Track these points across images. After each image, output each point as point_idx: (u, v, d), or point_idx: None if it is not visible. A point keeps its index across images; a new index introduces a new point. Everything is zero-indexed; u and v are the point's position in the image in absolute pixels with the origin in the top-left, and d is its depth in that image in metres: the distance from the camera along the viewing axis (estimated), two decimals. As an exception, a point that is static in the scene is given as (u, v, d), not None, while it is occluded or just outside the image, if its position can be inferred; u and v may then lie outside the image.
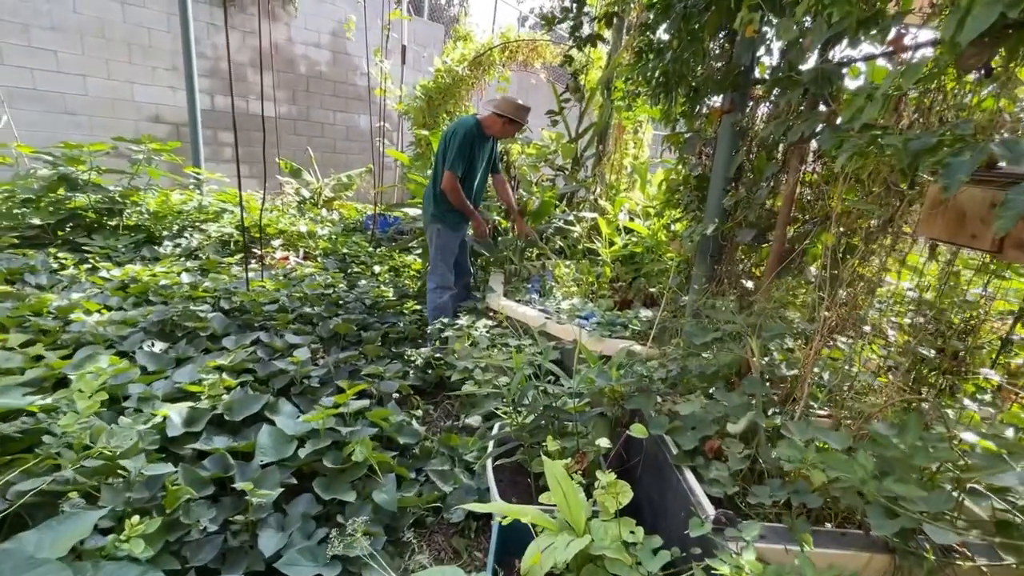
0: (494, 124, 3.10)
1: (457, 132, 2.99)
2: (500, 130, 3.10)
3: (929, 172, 1.05)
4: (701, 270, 2.39)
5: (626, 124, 4.03)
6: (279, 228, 4.14)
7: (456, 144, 2.94)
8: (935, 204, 1.04)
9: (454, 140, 2.97)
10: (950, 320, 1.70)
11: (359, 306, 3.25)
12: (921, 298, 1.71)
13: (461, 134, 2.98)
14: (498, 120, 3.07)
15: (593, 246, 4.37)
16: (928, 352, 1.64)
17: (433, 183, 3.16)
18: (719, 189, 2.28)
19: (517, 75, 8.24)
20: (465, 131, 2.99)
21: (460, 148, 2.95)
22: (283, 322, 2.61)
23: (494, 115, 3.09)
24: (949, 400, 1.71)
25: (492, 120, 3.10)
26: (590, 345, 2.70)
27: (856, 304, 1.66)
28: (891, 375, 1.71)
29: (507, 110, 3.06)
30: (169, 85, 6.33)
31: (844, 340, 1.72)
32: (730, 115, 2.19)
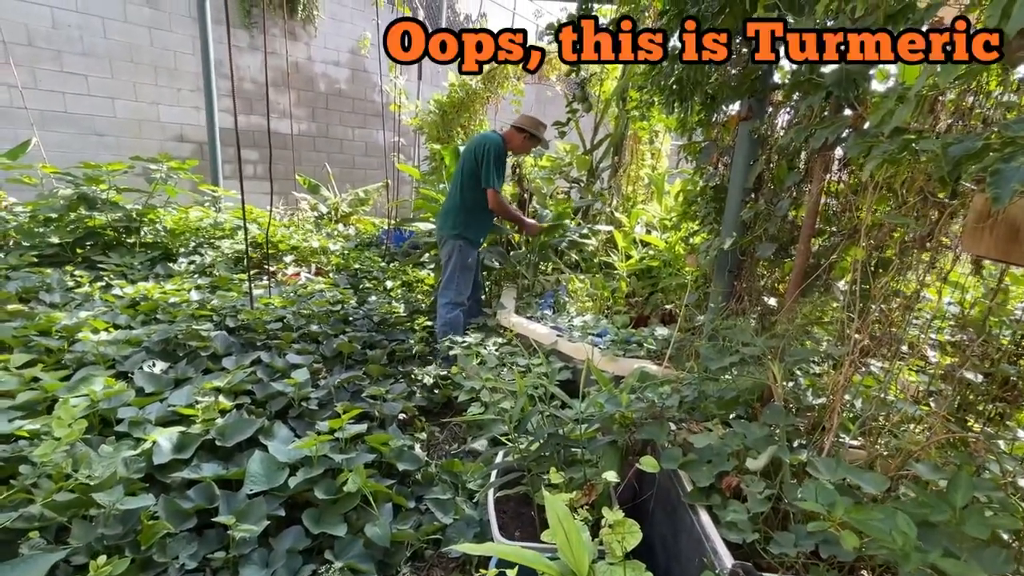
0: (514, 139, 3.15)
1: (489, 149, 3.00)
2: (519, 145, 3.16)
3: (973, 181, 0.92)
4: (719, 286, 2.25)
5: (642, 134, 3.93)
6: (291, 244, 4.14)
7: (492, 161, 2.98)
8: (982, 217, 0.90)
9: (487, 157, 2.99)
10: (999, 341, 1.53)
11: (367, 323, 3.20)
12: (965, 317, 1.55)
13: (494, 152, 3.00)
14: (518, 135, 3.13)
15: (609, 260, 4.25)
16: (975, 377, 1.48)
17: (457, 200, 3.13)
18: (737, 200, 2.15)
19: (533, 88, 8.22)
20: (497, 148, 3.02)
21: (498, 165, 3.01)
22: (287, 340, 2.56)
23: (514, 130, 3.14)
24: (1000, 430, 1.54)
25: (512, 135, 3.15)
26: (604, 364, 2.57)
27: (891, 323, 1.51)
28: (933, 403, 1.54)
29: (528, 125, 3.12)
30: (193, 105, 6.50)
31: (878, 364, 1.57)
32: (748, 122, 2.07)
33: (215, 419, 1.78)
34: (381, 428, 2.19)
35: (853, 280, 1.62)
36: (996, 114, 1.09)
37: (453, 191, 3.18)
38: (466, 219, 3.12)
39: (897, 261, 1.39)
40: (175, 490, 1.51)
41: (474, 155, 3.05)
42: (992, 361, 1.53)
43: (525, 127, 3.10)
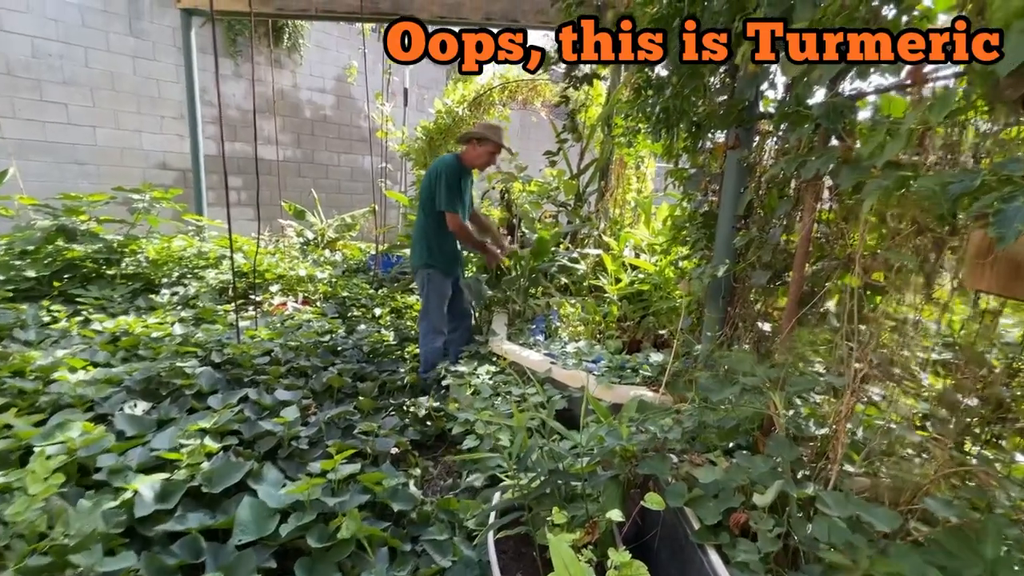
0: (469, 153, 3.04)
1: (441, 172, 2.92)
2: (477, 156, 3.03)
3: (971, 217, 0.93)
4: (713, 312, 2.26)
5: (628, 160, 3.98)
6: (277, 273, 4.08)
7: (444, 184, 2.88)
8: (981, 252, 0.91)
9: (440, 181, 2.90)
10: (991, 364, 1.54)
11: (356, 354, 3.13)
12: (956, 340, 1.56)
13: (445, 172, 2.91)
14: (473, 148, 3.02)
15: (598, 283, 4.25)
16: (970, 400, 1.48)
17: (419, 228, 3.08)
18: (728, 227, 2.17)
19: (518, 114, 8.35)
20: (448, 169, 2.93)
21: (450, 187, 2.89)
22: (275, 376, 2.49)
23: (465, 144, 3.05)
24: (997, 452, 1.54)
25: (467, 150, 3.05)
26: (599, 392, 2.54)
27: (885, 349, 1.52)
28: (930, 426, 1.54)
29: (478, 131, 3.01)
30: (177, 133, 6.46)
31: (876, 391, 1.57)
32: (736, 151, 2.11)
33: (201, 463, 1.70)
34: (374, 465, 2.12)
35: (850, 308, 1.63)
36: (985, 148, 1.11)
37: (417, 220, 3.10)
38: (430, 247, 3.03)
39: (892, 290, 1.40)
40: (158, 544, 1.42)
41: (428, 180, 2.97)
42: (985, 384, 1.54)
43: (470, 134, 3.00)
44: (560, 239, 4.04)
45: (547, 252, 3.69)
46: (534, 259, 3.70)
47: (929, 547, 1.08)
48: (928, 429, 1.52)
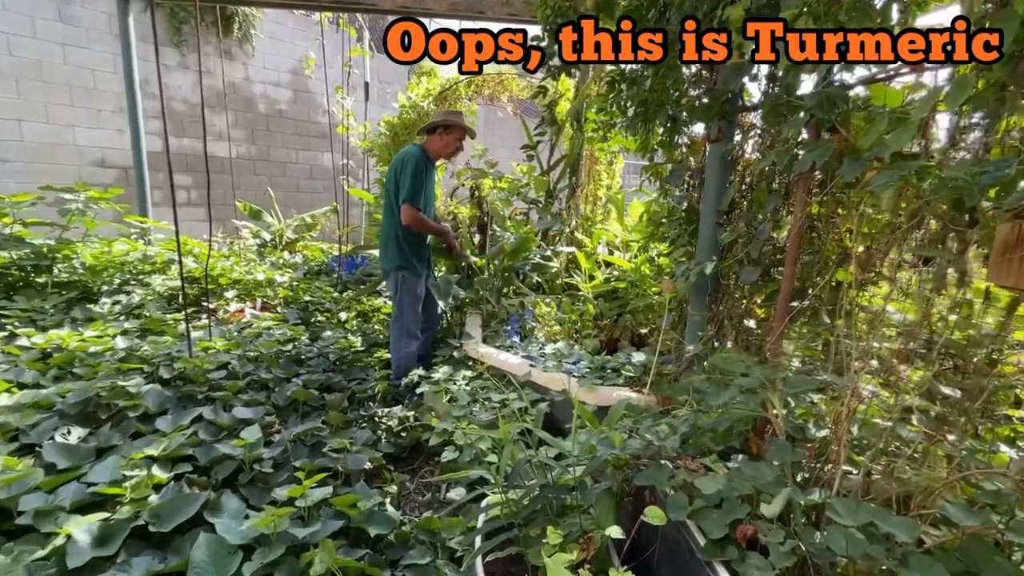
0: (433, 142, 2.92)
1: (406, 163, 2.78)
2: (442, 145, 2.91)
3: (995, 208, 0.88)
4: (697, 310, 2.20)
5: (600, 155, 3.92)
6: (233, 277, 3.80)
7: (409, 175, 2.74)
8: (1007, 247, 0.85)
9: (405, 172, 2.76)
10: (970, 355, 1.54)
11: (323, 362, 2.94)
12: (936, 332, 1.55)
13: (412, 164, 2.77)
14: (435, 137, 2.90)
15: (572, 281, 4.18)
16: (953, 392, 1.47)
17: (390, 227, 2.92)
18: (711, 223, 2.12)
19: (484, 109, 8.20)
20: (415, 160, 2.79)
21: (414, 178, 2.75)
22: (232, 391, 2.27)
23: (427, 135, 2.92)
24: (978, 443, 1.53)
25: (430, 140, 2.92)
26: (582, 395, 2.45)
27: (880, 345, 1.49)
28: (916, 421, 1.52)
29: (439, 118, 2.90)
30: (116, 128, 5.99)
31: (869, 387, 1.54)
32: (718, 144, 2.05)
33: (148, 497, 1.50)
34: (347, 485, 1.96)
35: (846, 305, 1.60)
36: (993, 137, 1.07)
37: (385, 219, 2.94)
38: (403, 247, 2.89)
39: (889, 286, 1.36)
40: (97, 597, 1.23)
41: (394, 174, 2.82)
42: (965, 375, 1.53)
43: (435, 122, 2.88)
44: (534, 237, 3.94)
45: (526, 250, 3.58)
46: (511, 258, 3.58)
47: (950, 555, 1.04)
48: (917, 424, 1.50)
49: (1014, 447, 1.53)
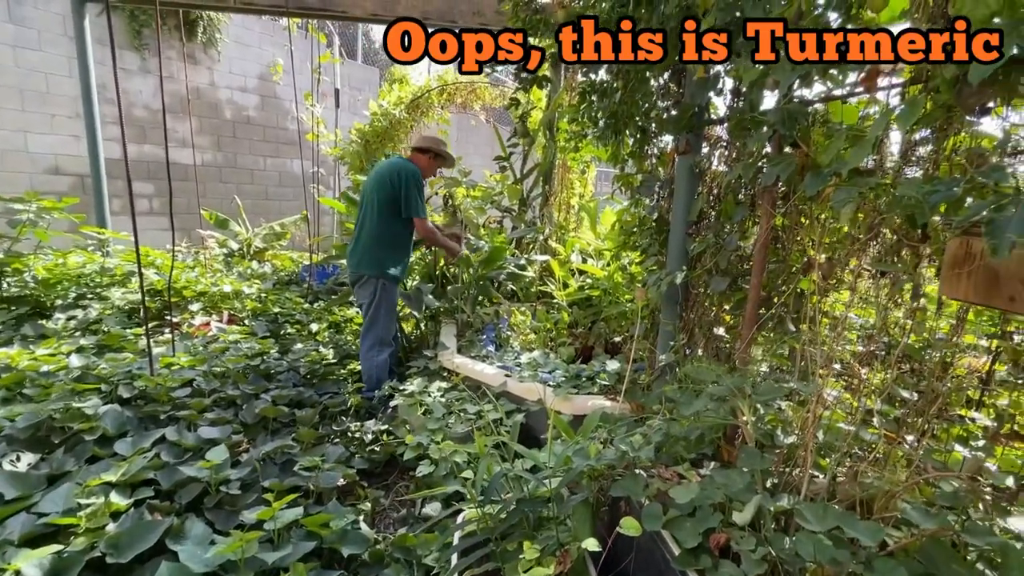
0: (420, 161, 2.98)
1: (408, 178, 2.82)
2: (426, 167, 3.00)
3: (944, 225, 0.92)
4: (669, 318, 2.24)
5: (573, 164, 3.96)
6: (198, 289, 3.68)
7: (413, 188, 2.82)
8: (957, 262, 0.90)
9: (406, 184, 2.80)
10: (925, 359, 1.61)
11: (293, 377, 2.86)
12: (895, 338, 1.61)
13: (414, 179, 2.83)
14: (422, 157, 2.99)
15: (547, 289, 4.20)
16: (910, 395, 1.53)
17: (374, 234, 2.88)
18: (681, 233, 2.16)
19: (456, 117, 8.20)
20: (415, 175, 2.85)
21: (420, 192, 2.86)
22: (198, 409, 2.19)
23: (417, 153, 2.99)
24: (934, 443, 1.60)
25: (416, 158, 2.99)
26: (557, 404, 2.46)
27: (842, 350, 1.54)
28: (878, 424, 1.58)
29: (432, 144, 2.99)
30: (72, 134, 5.75)
31: (832, 392, 1.59)
32: (686, 156, 2.10)
33: (105, 526, 1.43)
34: (318, 504, 1.91)
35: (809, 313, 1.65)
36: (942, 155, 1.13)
37: (368, 225, 2.88)
38: (387, 255, 2.88)
39: (851, 294, 1.41)
40: (49, 636, 1.16)
41: (390, 183, 2.81)
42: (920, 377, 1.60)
43: (429, 147, 2.97)
44: (508, 246, 3.94)
45: (500, 259, 3.58)
46: (485, 267, 3.58)
47: (910, 558, 1.07)
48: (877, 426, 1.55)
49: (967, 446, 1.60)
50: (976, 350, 1.56)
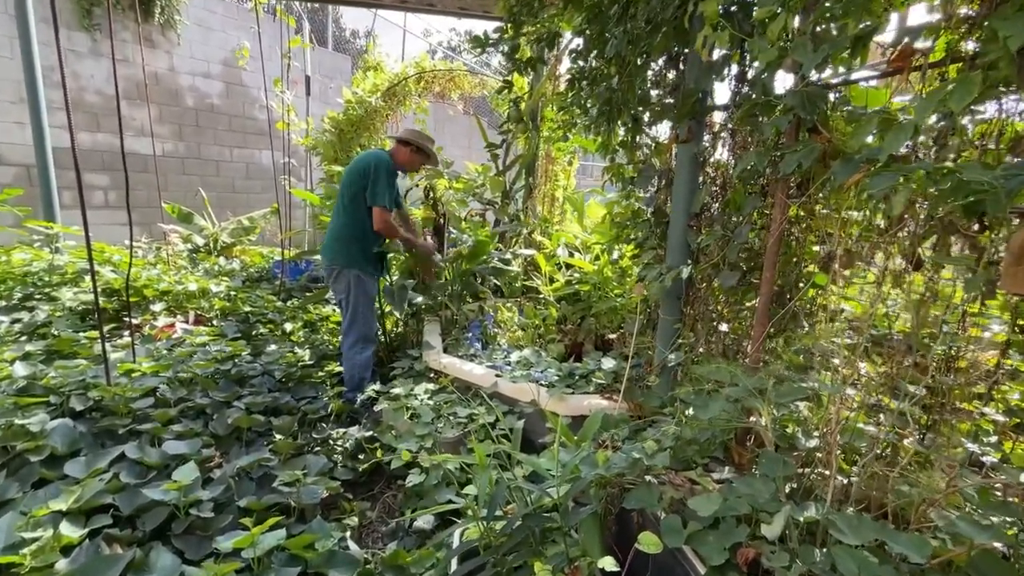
0: (399, 154, 2.84)
1: (378, 167, 2.68)
2: (407, 160, 2.86)
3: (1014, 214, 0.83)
4: (669, 315, 2.15)
5: (558, 155, 3.84)
6: (161, 288, 3.41)
7: (383, 178, 2.66)
8: (1023, 256, 0.81)
9: (377, 173, 2.67)
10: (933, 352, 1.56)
11: (268, 381, 2.67)
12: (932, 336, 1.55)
13: (384, 168, 2.69)
14: (403, 149, 2.84)
15: (532, 283, 4.09)
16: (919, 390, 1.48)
17: (346, 225, 2.76)
18: (682, 225, 2.07)
19: (433, 106, 7.97)
20: (386, 165, 2.71)
21: (389, 183, 2.69)
22: (163, 421, 1.99)
23: (398, 144, 2.85)
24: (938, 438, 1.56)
25: (397, 149, 2.85)
26: (552, 405, 2.35)
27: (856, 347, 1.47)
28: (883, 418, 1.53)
29: (413, 137, 2.83)
30: (15, 120, 5.31)
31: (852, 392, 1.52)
32: (688, 145, 2.01)
33: (54, 564, 1.25)
34: (301, 522, 1.75)
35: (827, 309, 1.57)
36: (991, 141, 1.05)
37: (341, 217, 2.78)
38: (360, 247, 2.77)
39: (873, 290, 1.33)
40: None
41: (361, 173, 2.70)
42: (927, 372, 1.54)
43: (410, 140, 2.82)
44: (493, 240, 3.80)
45: (485, 253, 3.44)
46: (469, 262, 3.43)
47: (960, 574, 1.00)
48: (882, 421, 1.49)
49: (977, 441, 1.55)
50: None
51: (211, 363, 2.51)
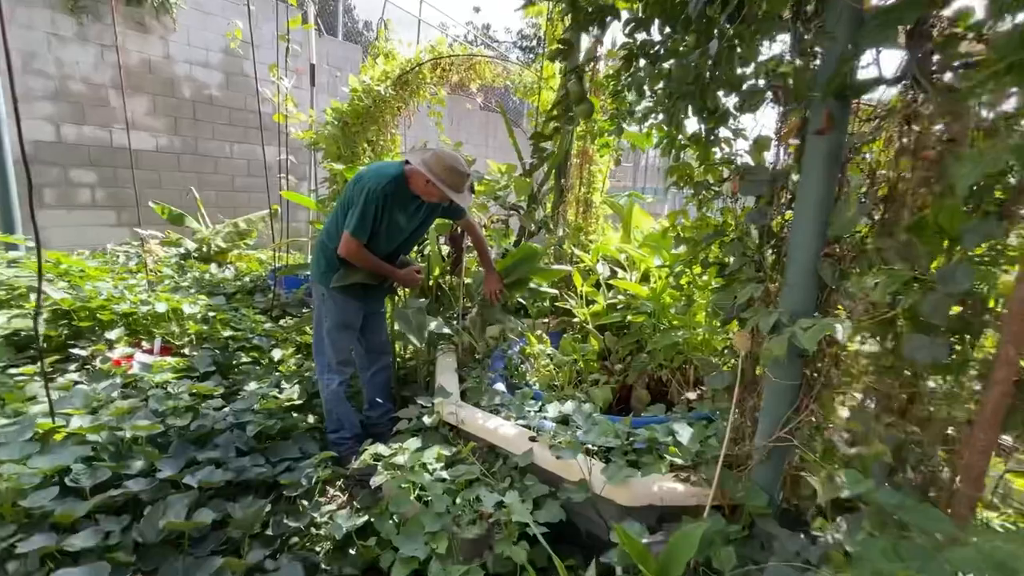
0: (416, 180, 2.19)
1: (367, 186, 2.12)
2: (427, 192, 2.19)
3: None
4: (783, 374, 1.51)
5: (604, 152, 3.20)
6: (121, 311, 2.83)
7: (361, 201, 2.10)
8: None
9: (360, 196, 2.12)
10: None
11: (237, 438, 2.08)
12: None
13: (373, 193, 2.10)
14: (419, 179, 2.16)
15: (563, 304, 3.46)
16: None
17: (329, 235, 2.30)
18: (810, 252, 1.44)
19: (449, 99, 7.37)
20: (374, 191, 2.10)
21: (364, 209, 2.11)
22: (65, 524, 1.40)
23: (416, 172, 2.15)
24: None
25: (416, 174, 2.17)
26: (611, 491, 1.73)
27: None
28: None
29: (434, 168, 2.10)
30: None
31: None
32: (823, 139, 1.37)
33: None
34: None
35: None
36: None
37: (328, 223, 2.35)
38: (335, 260, 2.26)
39: None
40: None
41: (352, 188, 2.22)
42: None
43: (432, 171, 2.09)
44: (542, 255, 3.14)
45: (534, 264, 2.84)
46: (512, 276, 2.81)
47: None
48: None
49: None
50: None
51: (156, 426, 1.88)
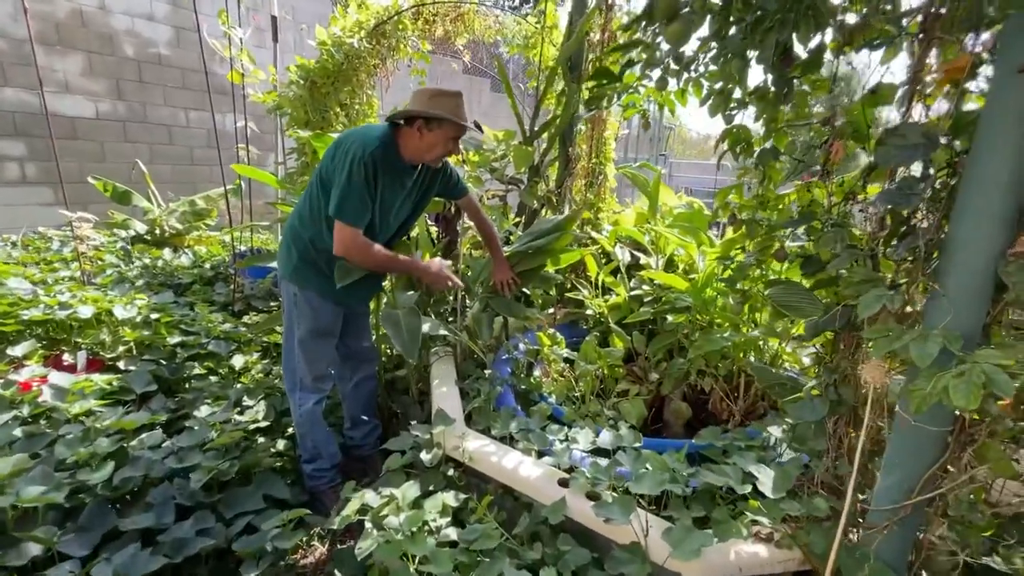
0: (413, 139, 1.64)
1: (352, 153, 1.56)
2: (425, 146, 1.64)
3: None
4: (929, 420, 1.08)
5: (627, 113, 2.68)
6: (30, 317, 2.26)
7: (345, 174, 1.55)
8: None
9: (343, 166, 1.56)
10: None
11: (181, 489, 1.59)
12: None
13: (359, 162, 1.55)
14: (419, 133, 1.61)
15: (574, 294, 3.01)
16: None
17: (299, 219, 1.75)
18: (986, 249, 0.99)
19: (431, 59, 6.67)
20: (363, 152, 1.55)
21: (351, 184, 1.56)
22: None
23: (408, 124, 1.63)
24: None
25: (405, 133, 1.64)
26: (676, 564, 1.30)
27: None
28: None
29: (421, 106, 1.59)
30: None
31: None
32: None
33: None
34: None
35: None
36: None
37: (300, 204, 1.79)
38: (307, 248, 1.73)
39: None
40: None
41: (331, 157, 1.64)
42: None
43: (420, 112, 1.58)
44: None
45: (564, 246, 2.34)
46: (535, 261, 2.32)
47: None
48: None
49: None
50: None
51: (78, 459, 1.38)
